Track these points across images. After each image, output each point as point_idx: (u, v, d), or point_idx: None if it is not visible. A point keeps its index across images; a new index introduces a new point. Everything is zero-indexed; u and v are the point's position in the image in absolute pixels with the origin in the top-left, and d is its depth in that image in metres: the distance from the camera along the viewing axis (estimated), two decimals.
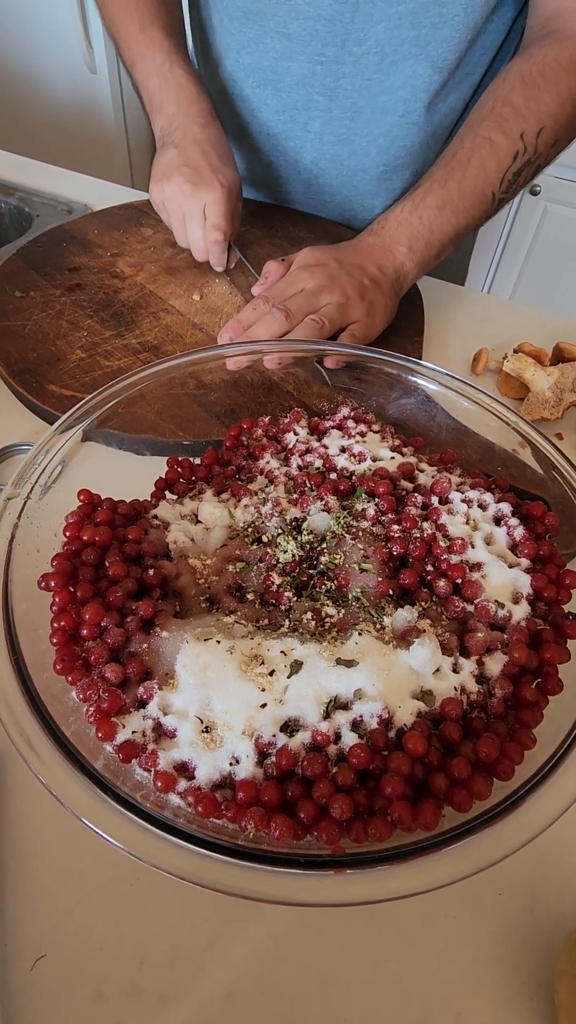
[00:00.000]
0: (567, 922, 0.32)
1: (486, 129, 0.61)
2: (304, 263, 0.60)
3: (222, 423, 0.52)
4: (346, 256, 0.60)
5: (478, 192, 0.61)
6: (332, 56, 0.67)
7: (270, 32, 0.68)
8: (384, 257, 0.61)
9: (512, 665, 0.32)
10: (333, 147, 0.75)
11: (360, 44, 0.66)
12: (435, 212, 0.60)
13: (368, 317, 0.58)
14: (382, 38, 0.65)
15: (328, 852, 0.27)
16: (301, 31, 0.66)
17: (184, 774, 0.29)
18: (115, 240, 0.74)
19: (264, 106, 0.76)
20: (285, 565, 0.37)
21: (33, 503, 0.37)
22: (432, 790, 0.28)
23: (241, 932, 0.31)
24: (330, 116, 0.72)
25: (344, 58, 0.67)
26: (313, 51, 0.68)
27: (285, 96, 0.73)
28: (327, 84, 0.70)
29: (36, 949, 0.30)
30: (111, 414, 0.43)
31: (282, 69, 0.71)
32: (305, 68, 0.69)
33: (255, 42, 0.70)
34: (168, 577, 0.36)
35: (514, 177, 0.62)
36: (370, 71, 0.67)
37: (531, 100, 0.60)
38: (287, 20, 0.66)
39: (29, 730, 0.28)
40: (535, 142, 0.61)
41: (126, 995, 0.29)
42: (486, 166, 0.60)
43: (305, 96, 0.72)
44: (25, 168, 0.92)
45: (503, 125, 0.60)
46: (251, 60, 0.72)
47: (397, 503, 0.39)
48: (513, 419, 0.44)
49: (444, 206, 0.61)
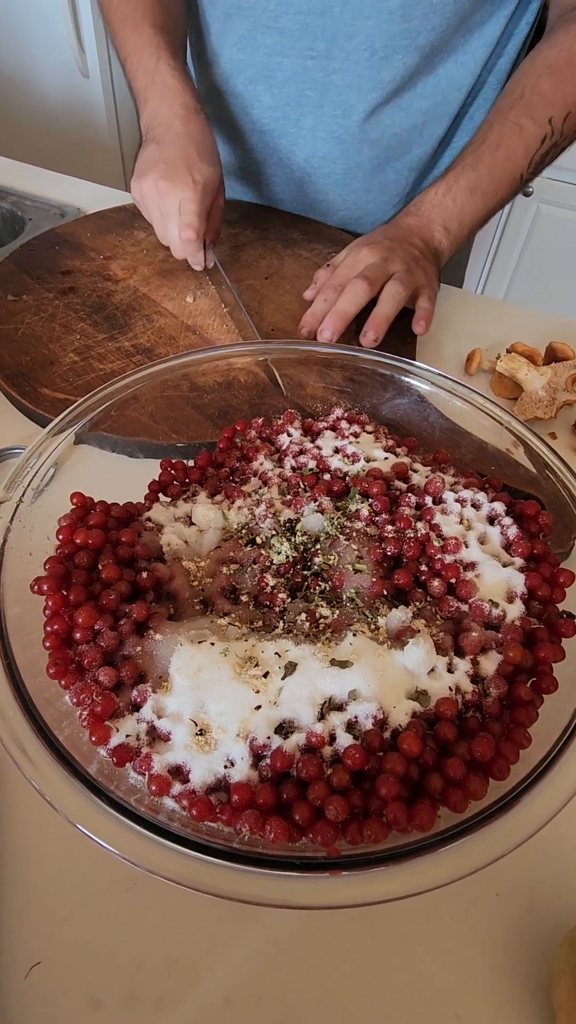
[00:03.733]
0: (565, 922, 0.32)
1: (515, 115, 0.63)
2: (353, 250, 0.62)
3: (215, 425, 0.52)
4: (391, 234, 0.63)
5: (507, 175, 0.64)
6: (323, 51, 0.68)
7: (261, 27, 0.69)
8: (423, 234, 0.64)
9: (507, 664, 0.32)
10: (325, 144, 0.75)
11: (350, 39, 0.66)
12: (467, 194, 0.64)
13: (429, 284, 0.61)
14: (372, 32, 0.65)
15: (324, 854, 0.26)
16: (292, 25, 0.67)
17: (179, 777, 0.29)
18: (108, 243, 0.74)
19: (256, 103, 0.76)
20: (279, 566, 0.37)
21: (26, 507, 0.37)
22: (427, 790, 0.28)
23: (238, 937, 0.31)
24: (322, 112, 0.73)
25: (335, 52, 0.68)
26: (304, 46, 0.68)
27: (277, 92, 0.73)
28: (318, 79, 0.70)
29: (31, 957, 0.30)
30: (104, 417, 0.43)
31: (274, 64, 0.71)
32: (296, 63, 0.70)
33: (246, 38, 0.71)
34: (162, 580, 0.36)
35: (541, 159, 0.66)
36: (361, 67, 0.68)
37: (558, 87, 0.63)
38: (278, 14, 0.67)
39: (22, 735, 0.28)
40: (561, 127, 0.64)
41: (123, 1002, 0.29)
42: (515, 151, 0.63)
43: (297, 92, 0.72)
44: (17, 172, 0.92)
45: (532, 111, 0.63)
46: (243, 56, 0.73)
47: (391, 503, 0.39)
48: (506, 419, 0.44)
49: (475, 189, 0.64)
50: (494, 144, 0.63)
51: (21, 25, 1.71)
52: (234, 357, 0.50)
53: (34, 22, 1.68)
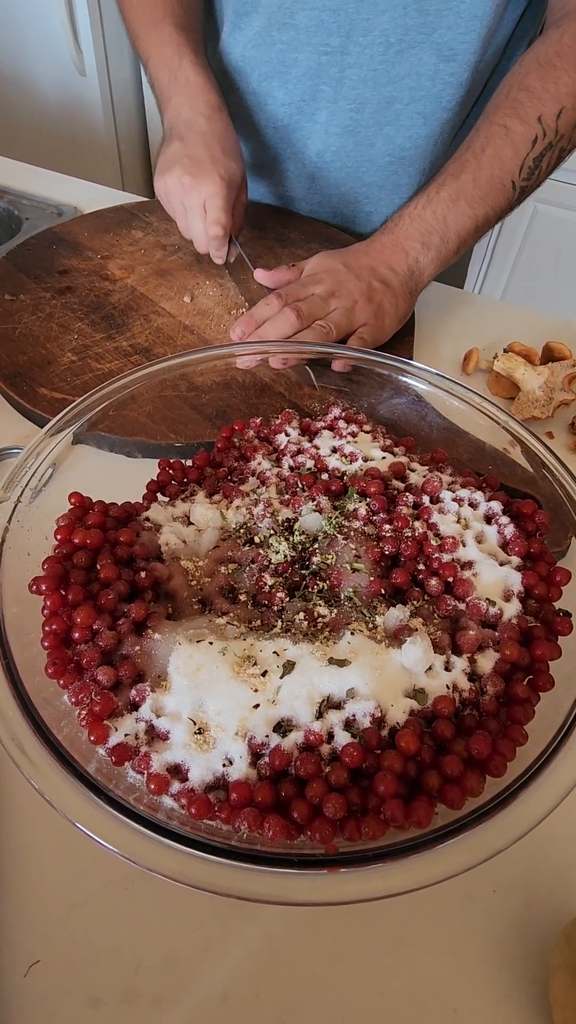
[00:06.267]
0: (561, 918, 0.32)
1: (500, 116, 0.60)
2: (313, 269, 0.61)
3: (213, 425, 0.52)
4: (356, 259, 0.61)
5: (495, 181, 0.60)
6: (338, 46, 0.68)
7: (276, 24, 0.69)
8: (396, 256, 0.61)
9: (503, 662, 0.32)
10: (339, 138, 0.75)
11: (366, 34, 0.66)
12: (449, 205, 0.60)
13: (376, 319, 0.58)
14: (387, 27, 0.65)
15: (322, 851, 0.27)
16: (307, 21, 0.67)
17: (177, 776, 0.29)
18: (105, 243, 0.74)
19: (271, 99, 0.76)
20: (277, 566, 0.37)
21: (24, 507, 0.37)
22: (425, 788, 0.28)
23: (236, 934, 0.31)
24: (336, 107, 0.73)
25: (350, 48, 0.67)
26: (319, 41, 0.68)
27: (292, 88, 0.73)
28: (333, 75, 0.70)
29: (30, 955, 0.30)
30: (102, 417, 0.43)
31: (289, 61, 0.71)
32: (311, 59, 0.70)
33: (262, 34, 0.71)
34: (160, 579, 0.36)
35: (535, 163, 0.60)
36: (376, 61, 0.68)
37: (548, 82, 0.58)
38: (294, 11, 0.67)
39: (21, 734, 0.28)
40: (555, 124, 0.59)
41: (122, 1000, 0.29)
42: (502, 154, 0.59)
43: (312, 87, 0.72)
44: (14, 171, 0.92)
45: (518, 110, 0.59)
46: (258, 53, 0.73)
47: (388, 503, 0.39)
48: (503, 418, 0.44)
49: (458, 198, 0.60)
50: (478, 149, 0.60)
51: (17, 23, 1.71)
52: (233, 357, 0.50)
53: (31, 20, 1.68)
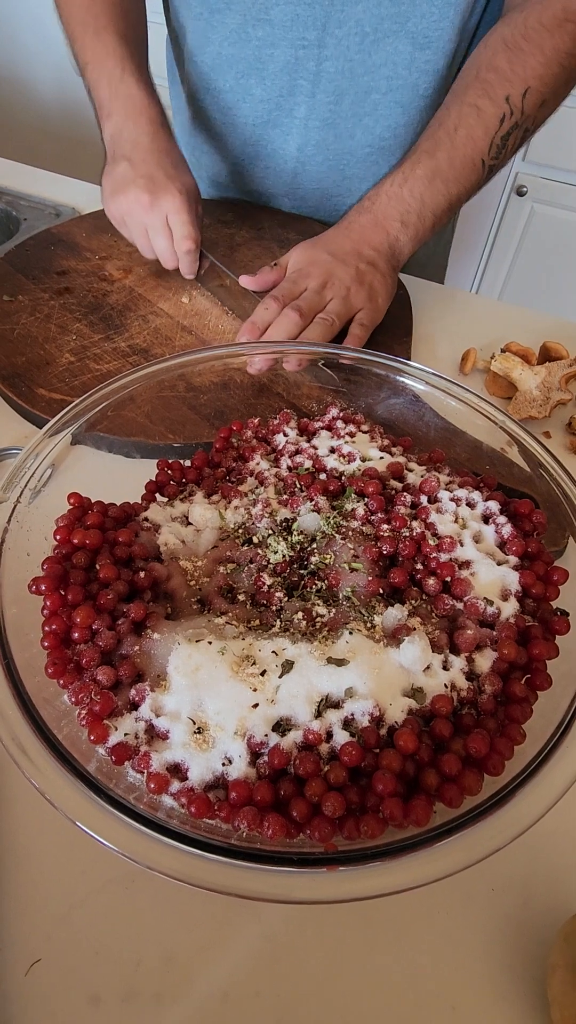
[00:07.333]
0: (559, 916, 0.32)
1: (472, 96, 0.61)
2: (298, 264, 0.61)
3: (212, 425, 0.52)
4: (338, 245, 0.61)
5: (468, 161, 0.61)
6: (314, 39, 0.68)
7: (251, 20, 0.69)
8: (377, 235, 0.62)
9: (501, 661, 0.32)
10: (319, 132, 0.75)
11: (341, 25, 0.66)
12: (425, 184, 0.61)
13: (371, 302, 0.59)
14: (362, 18, 0.65)
15: (321, 850, 0.27)
16: (282, 16, 0.67)
17: (177, 775, 0.29)
18: (103, 243, 0.74)
19: (248, 96, 0.75)
20: (276, 566, 0.37)
21: (23, 507, 0.37)
22: (423, 787, 0.28)
23: (236, 933, 0.31)
24: (315, 100, 0.73)
25: (326, 41, 0.68)
26: (295, 36, 0.68)
27: (269, 84, 0.73)
28: (310, 68, 0.70)
29: (31, 954, 0.30)
30: (101, 417, 0.43)
31: (265, 56, 0.71)
32: (288, 54, 0.70)
33: (237, 32, 0.71)
34: (159, 579, 0.36)
35: (502, 142, 0.62)
36: (352, 51, 0.68)
37: (515, 63, 0.60)
38: (268, 6, 0.67)
39: (21, 734, 0.28)
40: (521, 104, 0.60)
41: (122, 999, 0.29)
42: (474, 134, 0.61)
43: (289, 82, 0.72)
44: (12, 172, 0.92)
45: (488, 90, 0.60)
46: (233, 51, 0.72)
47: (386, 503, 0.39)
48: (501, 418, 0.44)
49: (434, 177, 0.61)
50: (451, 128, 0.61)
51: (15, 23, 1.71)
52: (231, 357, 0.50)
53: (28, 20, 1.68)
